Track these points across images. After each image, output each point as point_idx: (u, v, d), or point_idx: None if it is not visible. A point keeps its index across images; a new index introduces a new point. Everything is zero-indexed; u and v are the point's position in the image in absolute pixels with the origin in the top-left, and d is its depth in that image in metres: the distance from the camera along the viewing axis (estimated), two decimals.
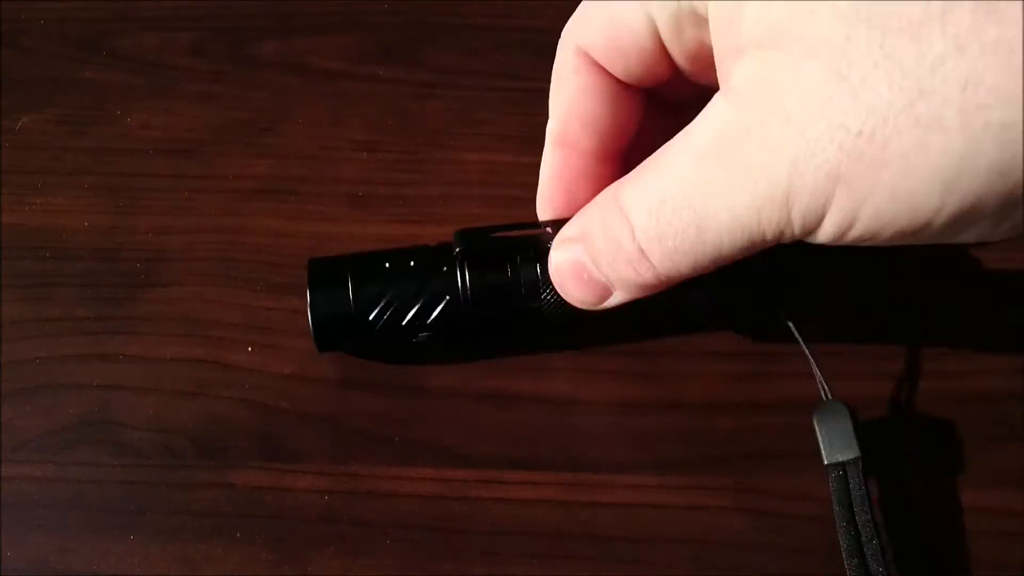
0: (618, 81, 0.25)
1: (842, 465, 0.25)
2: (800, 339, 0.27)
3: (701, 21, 0.21)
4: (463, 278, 0.26)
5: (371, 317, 0.26)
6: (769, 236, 0.21)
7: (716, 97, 0.20)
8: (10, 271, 0.31)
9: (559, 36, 0.30)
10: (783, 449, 0.27)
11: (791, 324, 0.27)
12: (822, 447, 0.25)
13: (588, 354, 0.29)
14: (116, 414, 0.28)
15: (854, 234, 0.20)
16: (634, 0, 0.23)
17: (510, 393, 0.28)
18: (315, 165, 0.33)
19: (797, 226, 0.20)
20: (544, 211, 0.27)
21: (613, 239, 0.23)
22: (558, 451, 0.27)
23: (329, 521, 0.27)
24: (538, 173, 0.33)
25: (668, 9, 0.22)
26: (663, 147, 0.22)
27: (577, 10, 0.25)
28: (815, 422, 0.26)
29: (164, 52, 0.36)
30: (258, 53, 0.36)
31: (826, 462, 0.25)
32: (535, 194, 0.32)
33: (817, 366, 0.26)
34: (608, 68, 0.25)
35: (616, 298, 0.24)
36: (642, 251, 0.22)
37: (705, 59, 0.22)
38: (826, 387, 0.26)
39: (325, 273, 0.27)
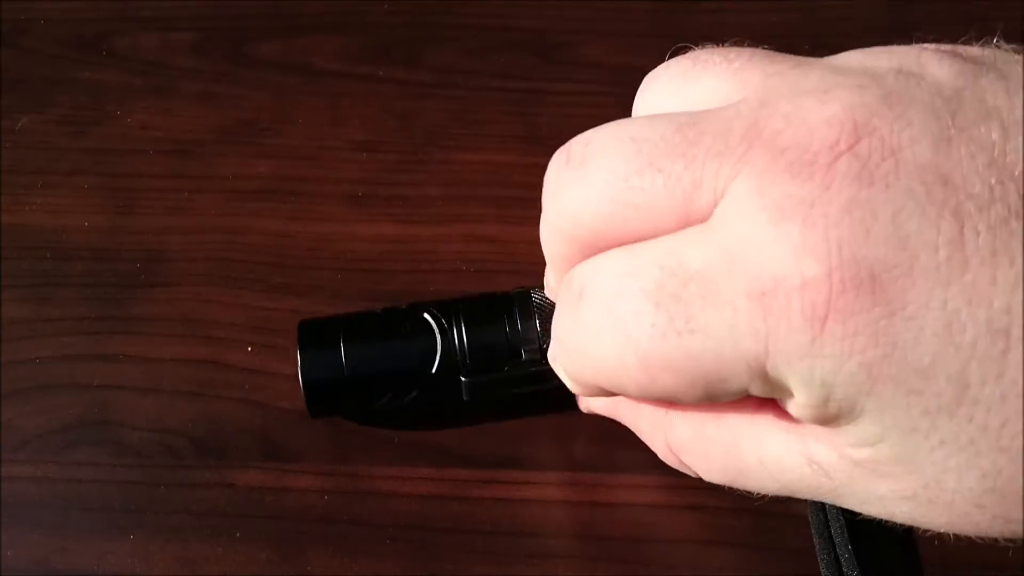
0: None
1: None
2: None
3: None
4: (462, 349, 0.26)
5: (363, 385, 0.26)
6: None
7: (795, 456, 0.19)
8: (10, 271, 0.31)
9: (559, 36, 0.30)
10: None
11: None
12: None
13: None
14: (116, 414, 0.28)
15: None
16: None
17: (510, 393, 0.28)
18: (315, 165, 0.33)
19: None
20: None
21: (650, 426, 0.23)
22: (558, 451, 0.27)
23: (329, 521, 0.27)
24: (537, 173, 0.33)
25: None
26: (724, 448, 0.21)
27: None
28: None
29: (164, 52, 0.36)
30: (258, 53, 0.36)
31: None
32: (535, 194, 0.32)
33: None
34: None
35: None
36: (671, 451, 0.22)
37: None
38: None
39: (315, 336, 0.26)
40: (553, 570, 0.26)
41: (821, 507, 0.24)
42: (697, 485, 0.27)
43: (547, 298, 0.25)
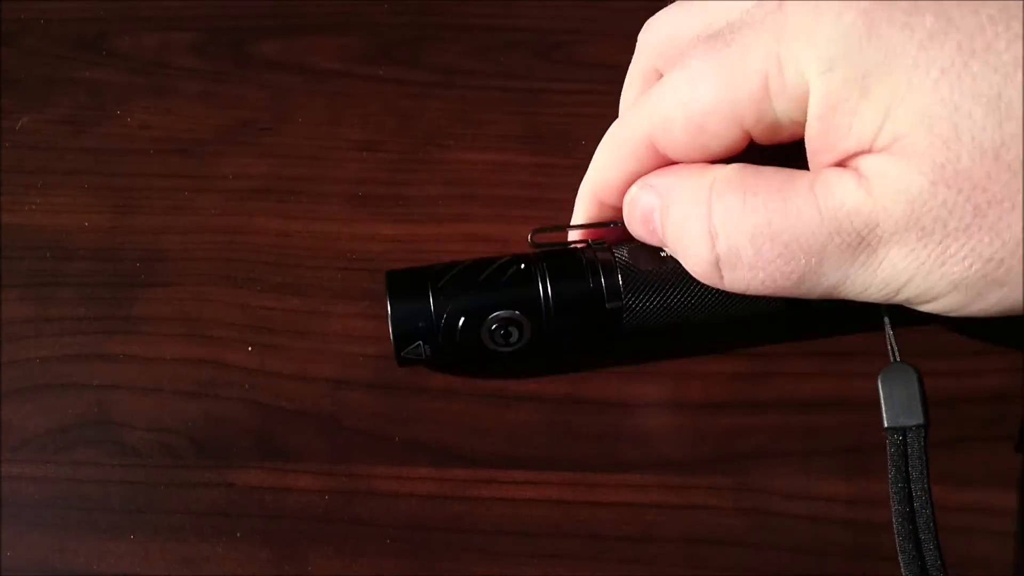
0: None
1: (903, 430, 0.24)
2: (883, 306, 0.26)
3: (801, 111, 0.22)
4: (545, 289, 0.26)
5: (451, 328, 0.26)
6: (861, 300, 0.23)
7: (846, 177, 0.21)
8: (10, 271, 0.31)
9: (559, 36, 0.30)
10: (783, 449, 0.27)
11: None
12: (884, 409, 0.24)
13: (588, 353, 0.29)
14: (116, 414, 0.28)
15: (942, 314, 0.22)
16: (726, 114, 0.23)
17: (510, 393, 0.28)
18: (315, 165, 0.33)
19: (895, 301, 0.23)
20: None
21: (688, 230, 0.24)
22: (558, 450, 0.27)
23: (329, 521, 0.27)
24: (538, 173, 0.33)
25: (765, 121, 0.23)
26: (779, 186, 0.22)
27: (650, 102, 0.24)
28: (880, 382, 0.24)
29: (164, 52, 0.36)
30: (258, 53, 0.36)
31: (886, 425, 0.24)
32: (535, 194, 0.32)
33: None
34: (675, 158, 0.25)
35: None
36: (718, 263, 0.23)
37: (791, 131, 0.23)
38: (896, 348, 0.25)
39: (404, 283, 0.27)
40: (553, 570, 0.26)
41: (903, 439, 0.24)
42: (697, 485, 0.27)
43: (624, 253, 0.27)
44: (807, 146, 0.22)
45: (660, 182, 0.25)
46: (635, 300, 0.26)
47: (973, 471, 0.27)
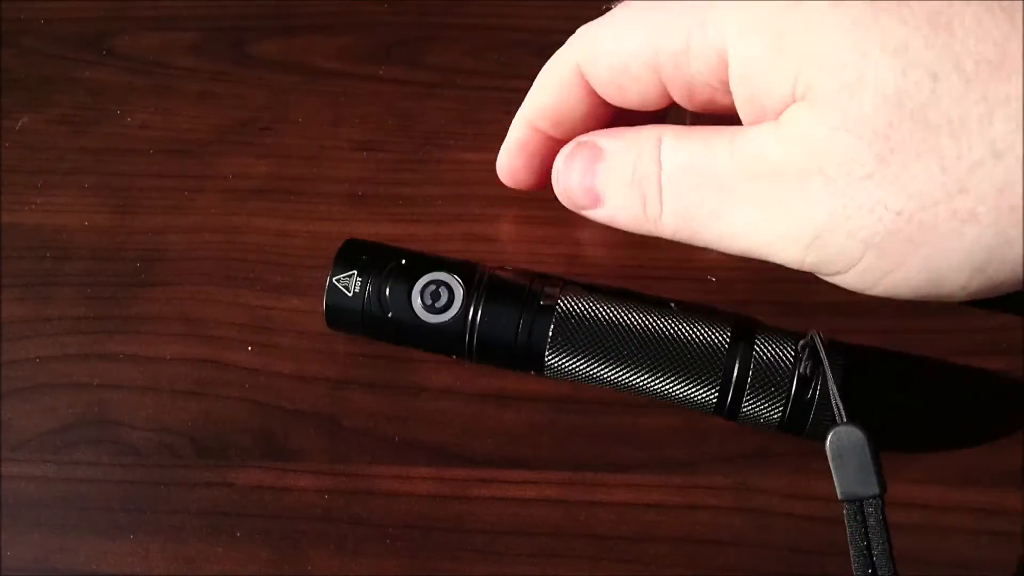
0: (604, 101, 0.26)
1: (859, 501, 0.23)
2: (824, 359, 0.24)
3: (717, 77, 0.23)
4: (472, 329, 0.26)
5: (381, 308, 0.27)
6: (775, 261, 0.23)
7: (766, 127, 0.22)
8: (10, 270, 0.31)
9: (559, 36, 0.30)
10: (783, 448, 0.27)
11: (818, 339, 0.25)
12: (835, 478, 0.23)
13: None
14: (115, 413, 0.28)
15: (874, 291, 0.22)
16: (647, 60, 0.24)
17: (510, 392, 0.28)
18: (315, 165, 0.33)
19: (808, 267, 0.23)
20: (504, 175, 0.29)
21: (640, 166, 0.24)
22: (558, 450, 0.27)
23: (329, 520, 0.27)
24: None
25: (682, 77, 0.24)
26: (712, 129, 0.23)
27: (589, 33, 0.26)
28: (828, 448, 0.23)
29: (164, 52, 0.36)
30: (258, 53, 0.36)
31: (840, 496, 0.23)
32: (535, 193, 0.32)
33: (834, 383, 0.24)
34: (601, 95, 0.26)
35: (598, 213, 0.26)
36: (661, 190, 0.24)
37: (707, 95, 0.24)
38: (841, 408, 0.24)
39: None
40: (553, 570, 0.26)
41: (859, 507, 0.23)
42: (696, 485, 0.27)
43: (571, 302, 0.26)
44: (739, 112, 0.23)
45: (600, 138, 0.26)
46: (558, 359, 0.26)
47: (973, 471, 0.27)
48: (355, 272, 0.27)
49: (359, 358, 0.29)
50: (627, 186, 0.25)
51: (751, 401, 0.25)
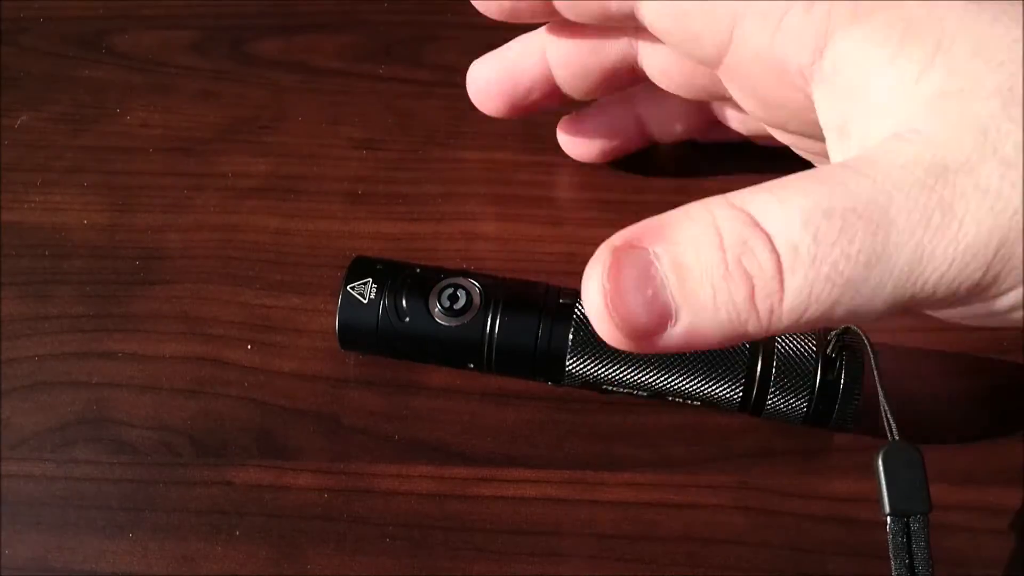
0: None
1: (906, 517, 0.23)
2: (877, 377, 0.24)
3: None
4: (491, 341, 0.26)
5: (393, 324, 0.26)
6: (942, 295, 0.18)
7: (885, 130, 0.19)
8: (9, 269, 0.31)
9: None
10: (784, 447, 0.27)
11: (873, 356, 0.25)
12: (885, 493, 0.23)
13: None
14: (114, 412, 0.28)
15: None
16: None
17: (510, 391, 0.28)
18: (314, 163, 0.33)
19: (982, 288, 0.18)
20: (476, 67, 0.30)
21: (732, 240, 0.18)
22: (558, 449, 0.27)
23: (328, 519, 0.26)
24: (538, 172, 0.33)
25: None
26: (805, 175, 0.19)
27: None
28: (880, 463, 0.23)
29: (164, 50, 0.36)
30: (258, 52, 0.36)
31: (888, 511, 0.23)
32: (535, 192, 0.32)
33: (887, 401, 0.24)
34: (641, 58, 0.26)
35: (673, 334, 0.19)
36: (779, 268, 0.18)
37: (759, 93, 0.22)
38: (894, 425, 0.24)
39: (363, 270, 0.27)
40: (553, 568, 0.26)
41: (906, 525, 0.23)
42: (697, 484, 0.27)
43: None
44: (823, 114, 0.21)
45: (637, 231, 0.19)
46: (579, 364, 0.26)
47: (973, 471, 0.27)
48: (370, 279, 0.26)
49: (359, 356, 0.29)
50: (719, 277, 0.18)
51: (776, 394, 0.25)
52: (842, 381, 0.25)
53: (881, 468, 0.23)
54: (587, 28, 0.26)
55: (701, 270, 0.18)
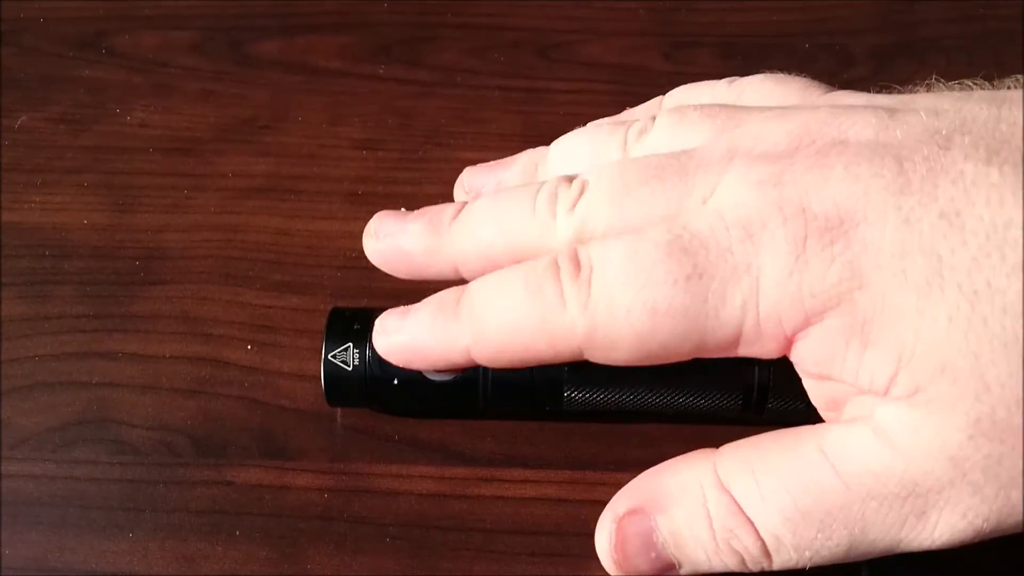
0: None
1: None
2: None
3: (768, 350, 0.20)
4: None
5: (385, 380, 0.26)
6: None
7: (859, 433, 0.20)
8: (9, 269, 0.31)
9: (559, 36, 0.30)
10: None
11: None
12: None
13: None
14: (115, 412, 0.28)
15: None
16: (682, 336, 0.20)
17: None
18: (314, 163, 0.33)
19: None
20: None
21: (721, 524, 0.20)
22: (558, 449, 0.27)
23: (328, 519, 0.26)
24: None
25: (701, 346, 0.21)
26: (787, 459, 0.20)
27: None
28: None
29: (164, 51, 0.36)
30: (258, 52, 0.36)
31: None
32: None
33: None
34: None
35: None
36: (765, 550, 0.20)
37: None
38: None
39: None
40: (553, 568, 0.26)
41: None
42: None
43: None
44: (809, 391, 0.21)
45: (637, 498, 0.22)
46: (577, 392, 0.26)
47: None
48: (350, 344, 0.26)
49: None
50: (712, 551, 0.21)
51: (776, 399, 0.25)
52: None
53: None
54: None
55: (696, 542, 0.21)
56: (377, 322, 0.23)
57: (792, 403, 0.25)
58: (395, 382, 0.26)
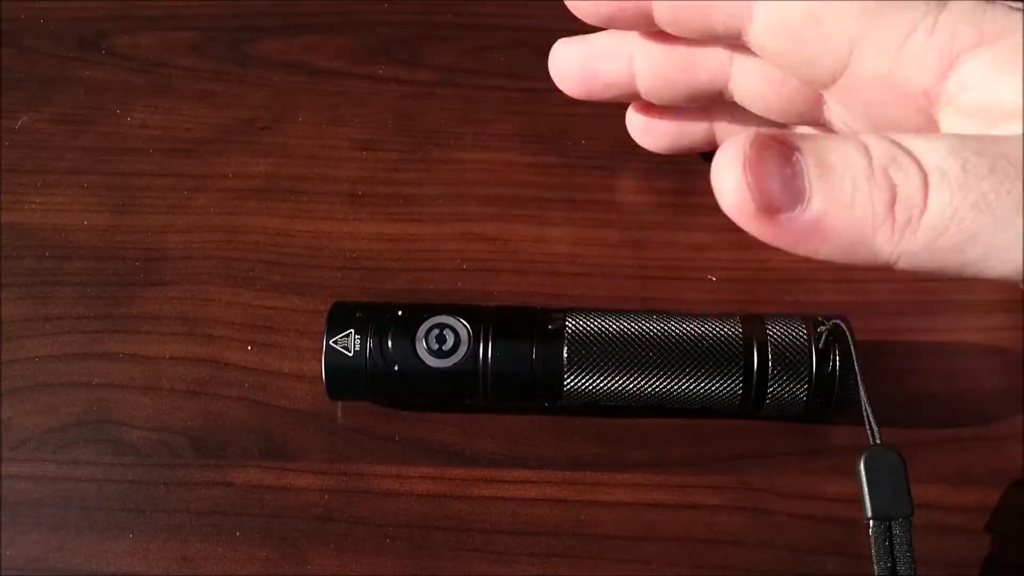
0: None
1: (888, 521, 0.23)
2: (860, 379, 0.25)
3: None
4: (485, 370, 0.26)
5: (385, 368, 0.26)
6: None
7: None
8: (9, 270, 0.31)
9: (560, 36, 0.30)
10: (783, 448, 0.27)
11: (856, 361, 0.25)
12: (867, 497, 0.23)
13: None
14: (115, 413, 0.28)
15: None
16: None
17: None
18: (314, 164, 0.33)
19: None
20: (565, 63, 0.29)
21: (882, 153, 0.18)
22: (558, 449, 0.27)
23: (328, 520, 0.27)
24: (538, 173, 0.33)
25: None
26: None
27: None
28: (861, 467, 0.23)
29: (164, 51, 0.36)
30: (258, 52, 0.36)
31: (870, 515, 0.23)
32: (535, 193, 0.32)
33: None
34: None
35: (798, 219, 0.18)
36: (925, 182, 0.18)
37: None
38: (876, 429, 0.24)
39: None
40: (553, 569, 0.26)
41: (887, 529, 0.23)
42: (697, 484, 0.27)
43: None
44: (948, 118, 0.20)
45: (783, 133, 0.19)
46: (577, 380, 0.26)
47: (973, 471, 0.27)
48: (352, 331, 0.26)
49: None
50: (863, 178, 0.18)
51: (776, 383, 0.25)
52: (837, 364, 0.25)
53: (863, 472, 0.23)
54: (681, 43, 0.26)
55: (845, 167, 0.18)
56: None
57: (792, 390, 0.25)
58: (396, 369, 0.26)
